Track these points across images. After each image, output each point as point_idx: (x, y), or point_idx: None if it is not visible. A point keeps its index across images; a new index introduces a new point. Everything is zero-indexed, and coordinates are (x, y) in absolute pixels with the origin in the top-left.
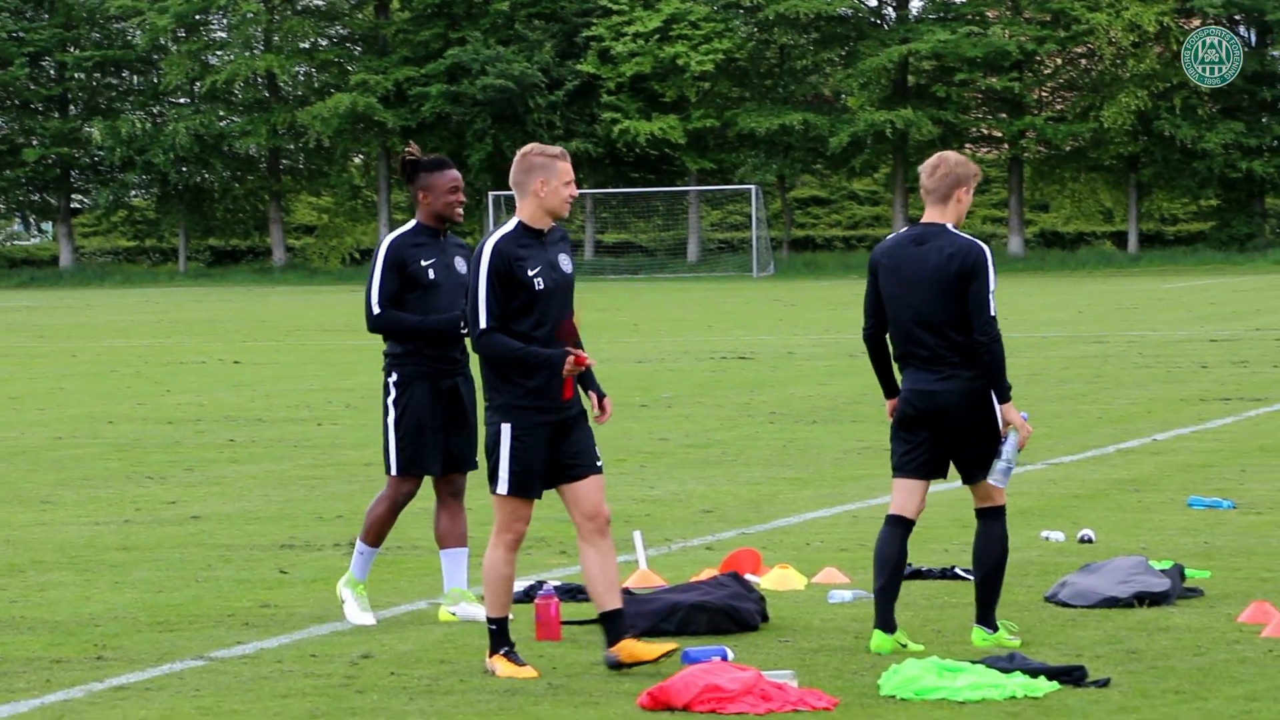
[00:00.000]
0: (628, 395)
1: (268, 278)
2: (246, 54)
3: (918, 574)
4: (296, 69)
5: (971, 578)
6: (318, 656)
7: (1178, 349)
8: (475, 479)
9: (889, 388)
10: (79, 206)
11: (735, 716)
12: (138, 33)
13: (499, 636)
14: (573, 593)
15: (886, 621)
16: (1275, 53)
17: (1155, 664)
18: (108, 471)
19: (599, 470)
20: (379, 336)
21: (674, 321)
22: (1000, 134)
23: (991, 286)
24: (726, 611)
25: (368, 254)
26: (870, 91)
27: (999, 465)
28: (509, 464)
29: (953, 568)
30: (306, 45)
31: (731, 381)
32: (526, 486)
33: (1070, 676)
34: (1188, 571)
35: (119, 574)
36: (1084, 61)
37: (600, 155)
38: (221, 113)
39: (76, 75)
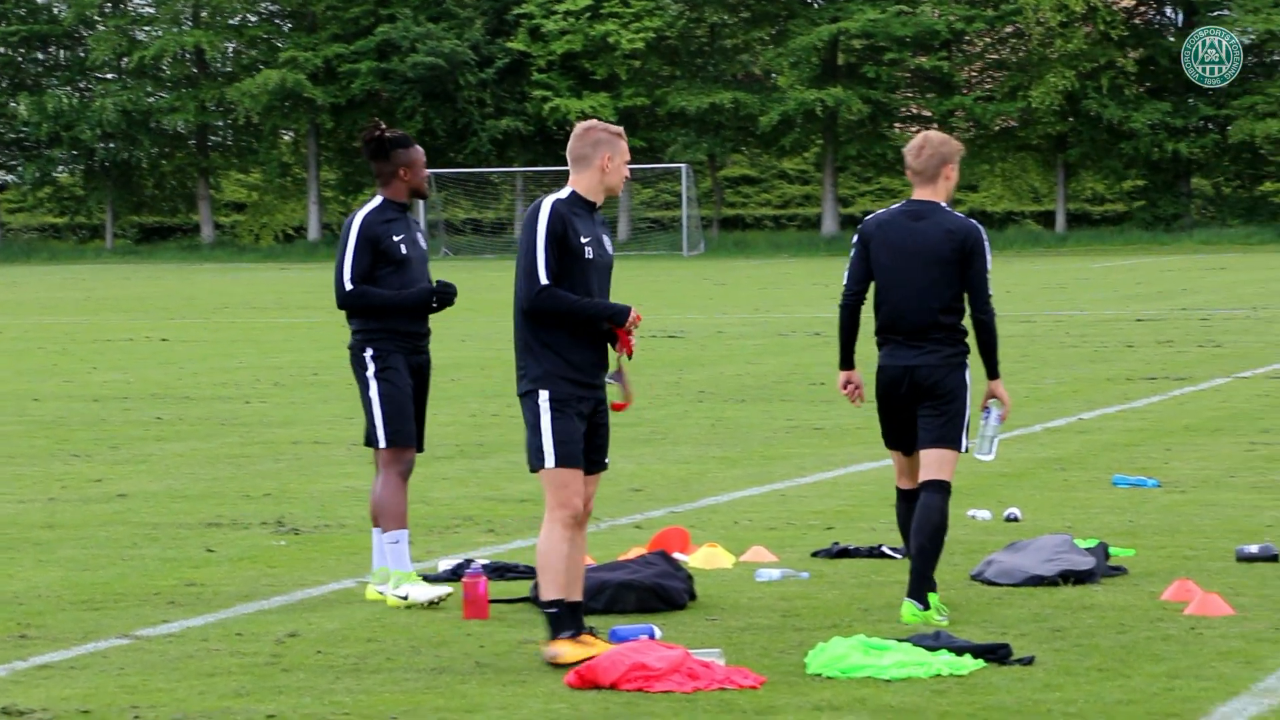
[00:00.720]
0: None
1: (196, 255)
2: (174, 30)
3: (845, 552)
4: (225, 45)
5: (899, 556)
6: (244, 635)
7: (1104, 328)
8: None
9: (848, 359)
10: (4, 183)
11: (662, 695)
12: (64, 8)
13: (563, 619)
14: (501, 571)
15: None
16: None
17: (1079, 642)
18: (33, 449)
19: (606, 466)
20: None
21: None
22: (929, 113)
23: (990, 266)
24: (654, 590)
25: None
26: (800, 70)
27: (984, 437)
28: (552, 434)
29: (880, 546)
30: (235, 21)
31: (661, 360)
32: (573, 455)
33: (995, 654)
34: (1112, 550)
35: (44, 552)
36: (1012, 41)
37: (531, 133)
38: (149, 89)
39: (2, 50)
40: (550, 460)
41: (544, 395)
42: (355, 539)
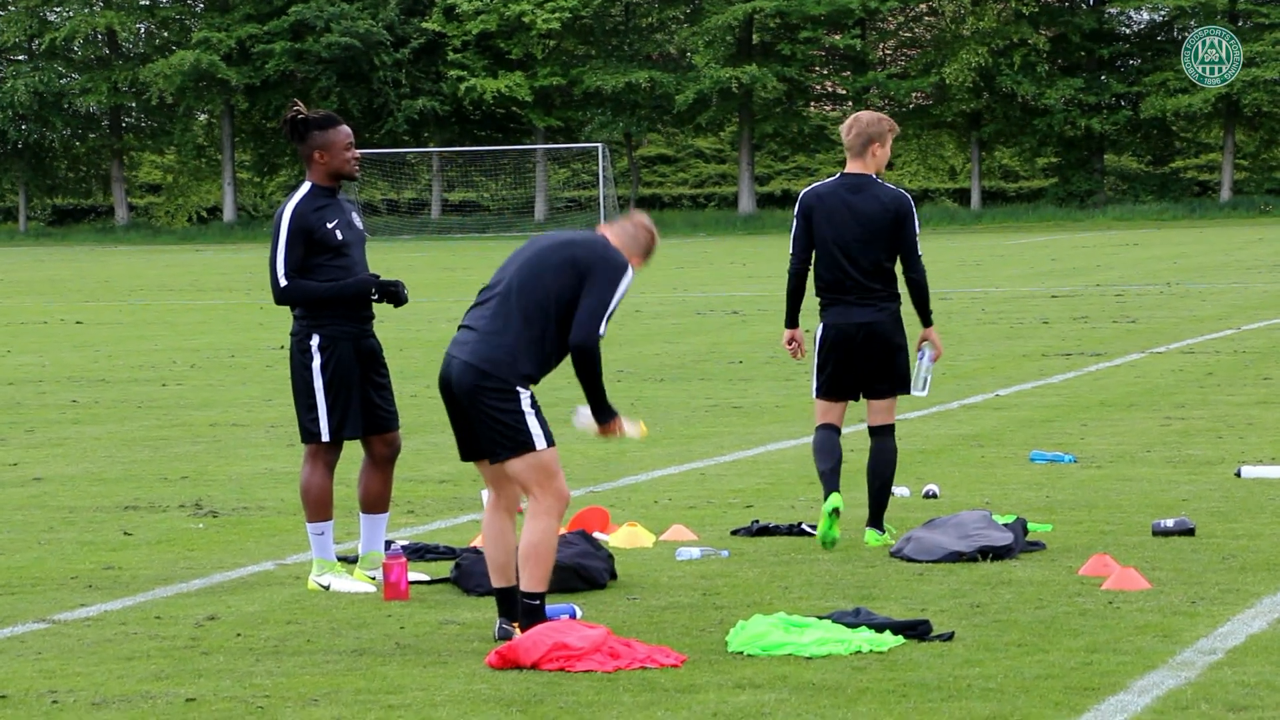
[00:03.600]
0: None
1: (110, 237)
2: (86, 11)
3: (764, 530)
4: (137, 26)
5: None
6: (162, 618)
7: (1020, 305)
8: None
9: (794, 319)
10: None
11: (584, 674)
12: None
13: (541, 612)
14: (421, 553)
15: (834, 491)
16: (1113, 10)
17: (998, 617)
18: None
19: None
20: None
21: None
22: (844, 91)
23: (918, 230)
24: (575, 569)
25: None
26: (715, 49)
27: (918, 376)
28: (540, 416)
29: (799, 524)
30: (147, 2)
31: None
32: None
33: (915, 631)
34: (1030, 525)
35: None
36: (926, 18)
37: (447, 114)
38: (61, 70)
39: None
40: (543, 441)
41: (525, 395)
42: (274, 521)
